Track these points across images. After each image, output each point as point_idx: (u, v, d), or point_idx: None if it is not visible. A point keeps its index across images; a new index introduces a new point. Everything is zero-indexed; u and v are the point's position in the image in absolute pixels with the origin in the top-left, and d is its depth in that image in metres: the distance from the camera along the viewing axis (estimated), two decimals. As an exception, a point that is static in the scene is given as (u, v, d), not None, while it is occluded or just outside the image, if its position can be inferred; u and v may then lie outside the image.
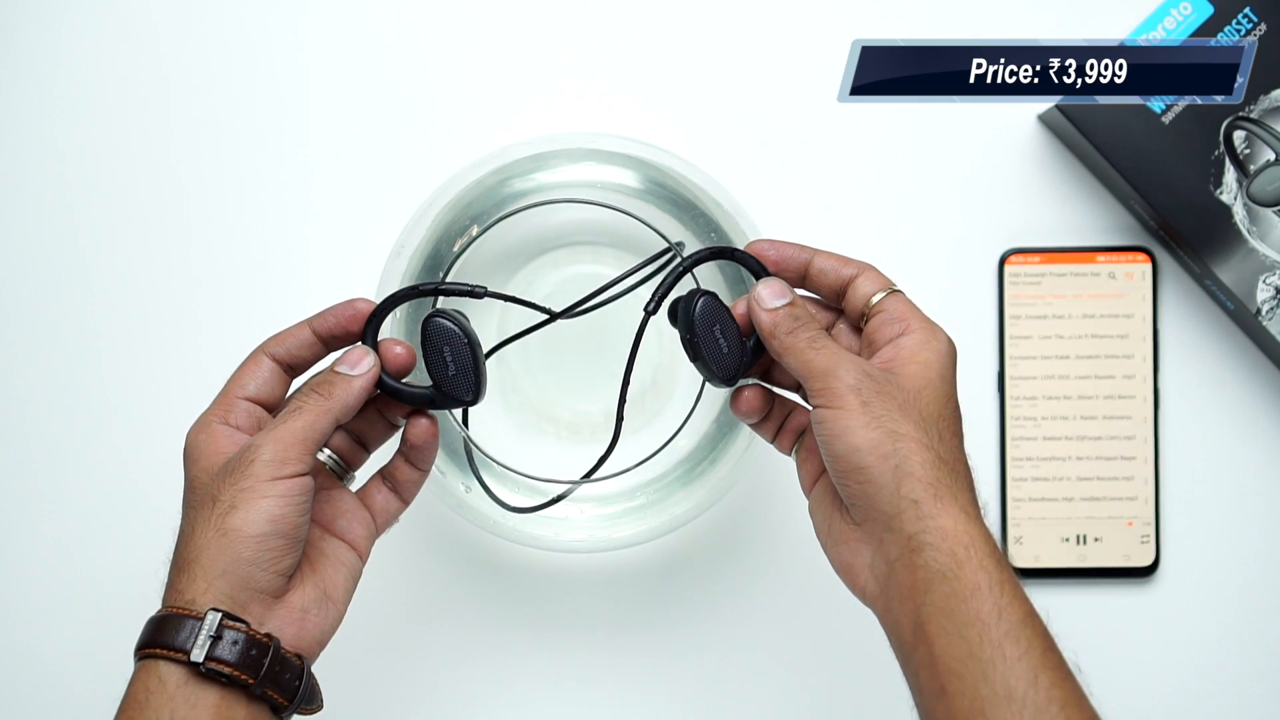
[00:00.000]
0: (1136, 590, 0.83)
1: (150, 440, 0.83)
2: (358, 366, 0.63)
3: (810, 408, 0.61)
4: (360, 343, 0.64)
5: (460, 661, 0.83)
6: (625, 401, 0.66)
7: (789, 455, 0.66)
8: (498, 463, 0.73)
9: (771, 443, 0.67)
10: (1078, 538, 0.82)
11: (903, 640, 0.58)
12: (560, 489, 0.72)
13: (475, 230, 0.74)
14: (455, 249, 0.74)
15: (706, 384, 0.69)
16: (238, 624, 0.58)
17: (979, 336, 0.83)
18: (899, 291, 0.63)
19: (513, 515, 0.75)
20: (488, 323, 0.80)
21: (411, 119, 0.84)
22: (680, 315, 0.64)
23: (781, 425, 0.67)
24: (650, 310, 0.64)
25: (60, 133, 0.85)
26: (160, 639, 0.57)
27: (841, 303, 0.65)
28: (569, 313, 0.67)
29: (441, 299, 0.68)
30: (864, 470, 0.59)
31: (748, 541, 0.83)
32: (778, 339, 0.62)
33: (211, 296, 0.84)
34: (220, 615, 0.57)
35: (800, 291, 0.65)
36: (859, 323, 0.64)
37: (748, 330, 0.64)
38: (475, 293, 0.64)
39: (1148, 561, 0.82)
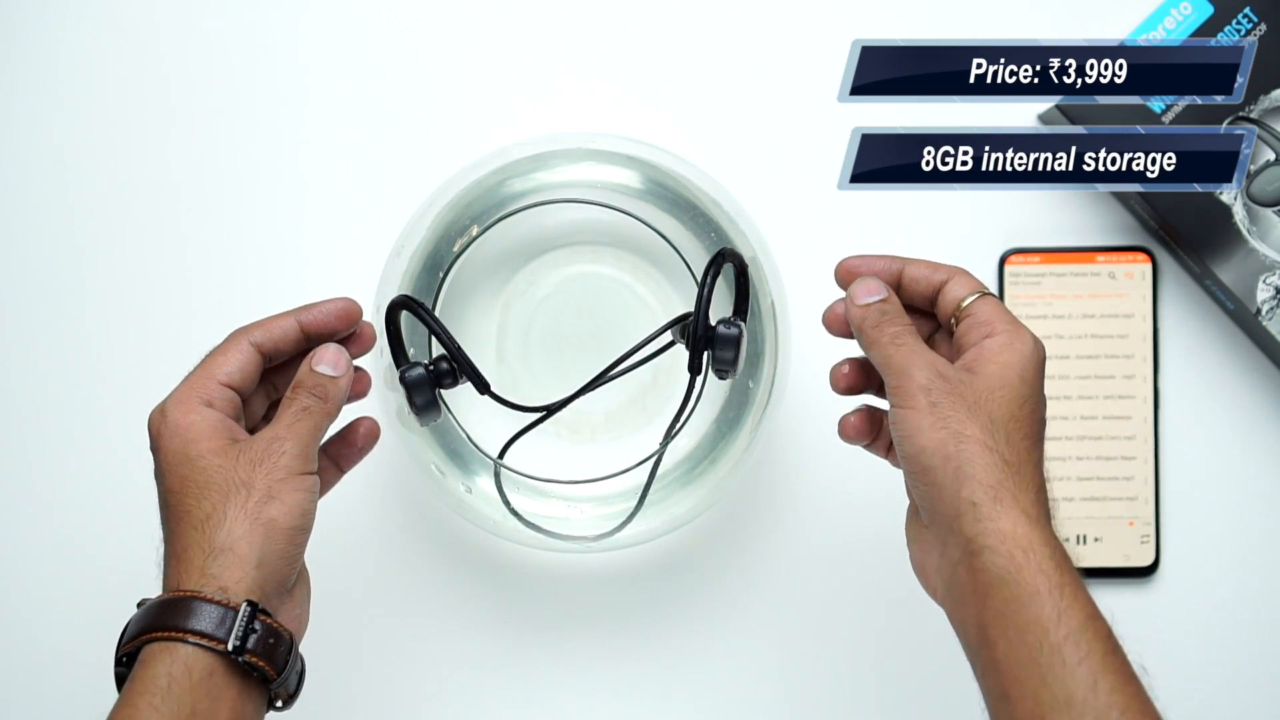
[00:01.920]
0: (1136, 590, 0.83)
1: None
2: (339, 368, 0.63)
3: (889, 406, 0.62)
4: (335, 343, 0.65)
5: (459, 660, 0.83)
6: (659, 467, 0.67)
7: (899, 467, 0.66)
8: (496, 461, 0.73)
9: (885, 457, 0.67)
10: (1078, 538, 0.82)
11: (969, 642, 0.58)
12: (558, 488, 0.72)
13: (475, 230, 0.74)
14: (455, 249, 0.74)
15: (706, 385, 0.69)
16: (267, 617, 0.57)
17: (979, 336, 0.83)
18: (990, 295, 0.63)
19: (513, 514, 0.75)
20: (488, 318, 0.80)
21: (411, 118, 0.84)
22: (717, 348, 0.66)
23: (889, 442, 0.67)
24: (696, 369, 0.66)
25: (60, 128, 0.84)
26: (186, 624, 0.56)
27: (934, 309, 0.65)
28: (561, 406, 0.69)
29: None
30: (929, 471, 0.59)
31: (747, 542, 0.83)
32: (864, 333, 0.63)
33: (209, 294, 0.84)
34: (254, 607, 0.57)
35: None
36: (950, 326, 0.64)
37: (842, 329, 0.65)
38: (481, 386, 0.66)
39: (1148, 561, 0.82)
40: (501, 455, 0.72)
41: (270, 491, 0.59)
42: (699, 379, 0.67)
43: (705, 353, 0.66)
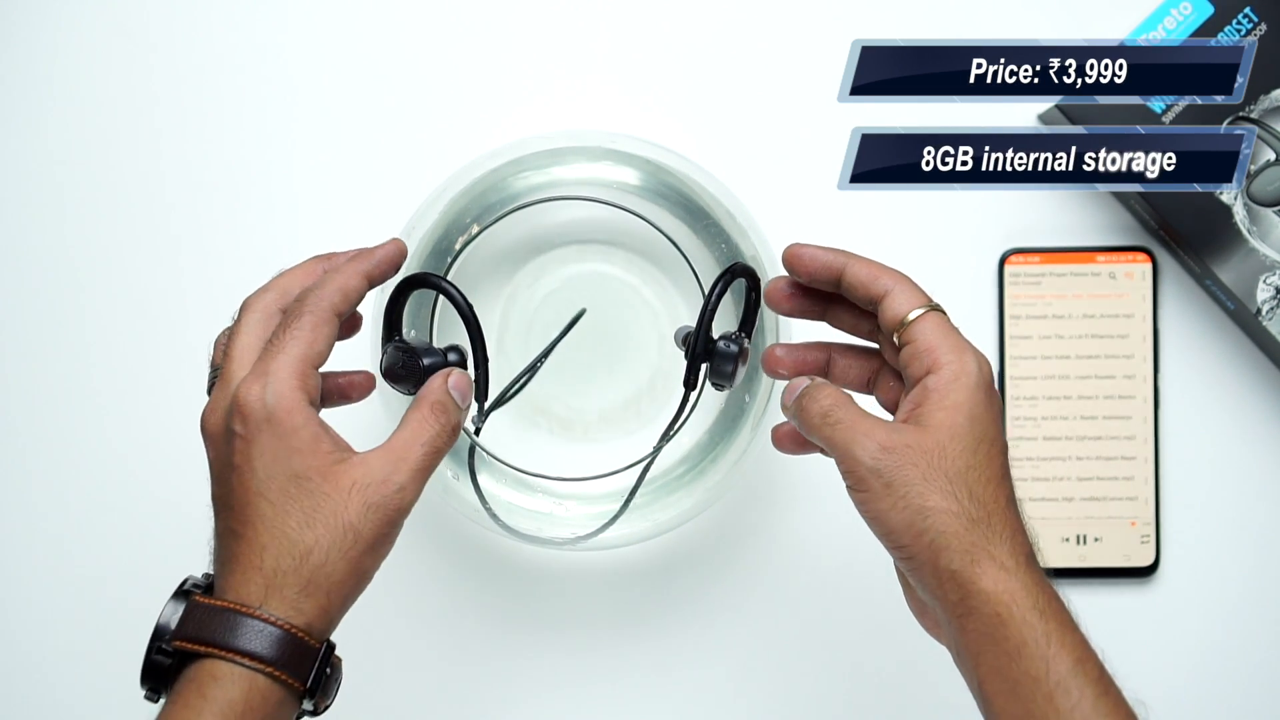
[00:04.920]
0: (1136, 590, 0.83)
1: (147, 433, 0.83)
2: (468, 399, 0.62)
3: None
4: (459, 369, 0.62)
5: (458, 658, 0.83)
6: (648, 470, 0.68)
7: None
8: (489, 454, 0.72)
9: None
10: (1078, 538, 0.82)
11: (974, 696, 0.58)
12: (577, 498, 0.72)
13: (476, 229, 0.74)
14: (457, 246, 0.74)
15: (702, 392, 0.69)
16: (338, 658, 0.58)
17: (979, 336, 0.83)
18: (933, 310, 0.61)
19: (513, 513, 0.75)
20: (492, 308, 0.80)
21: (418, 113, 0.84)
22: (717, 363, 0.65)
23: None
24: (690, 385, 0.66)
25: (59, 125, 0.85)
26: (266, 653, 0.55)
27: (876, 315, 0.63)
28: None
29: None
30: (904, 548, 0.58)
31: (746, 542, 0.83)
32: (800, 421, 0.61)
33: (208, 282, 0.84)
34: (330, 648, 0.57)
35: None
36: (894, 341, 0.62)
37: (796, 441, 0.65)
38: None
39: (1148, 561, 0.82)
40: (477, 432, 0.71)
41: (374, 539, 0.57)
42: (693, 394, 0.67)
43: (702, 366, 0.66)
